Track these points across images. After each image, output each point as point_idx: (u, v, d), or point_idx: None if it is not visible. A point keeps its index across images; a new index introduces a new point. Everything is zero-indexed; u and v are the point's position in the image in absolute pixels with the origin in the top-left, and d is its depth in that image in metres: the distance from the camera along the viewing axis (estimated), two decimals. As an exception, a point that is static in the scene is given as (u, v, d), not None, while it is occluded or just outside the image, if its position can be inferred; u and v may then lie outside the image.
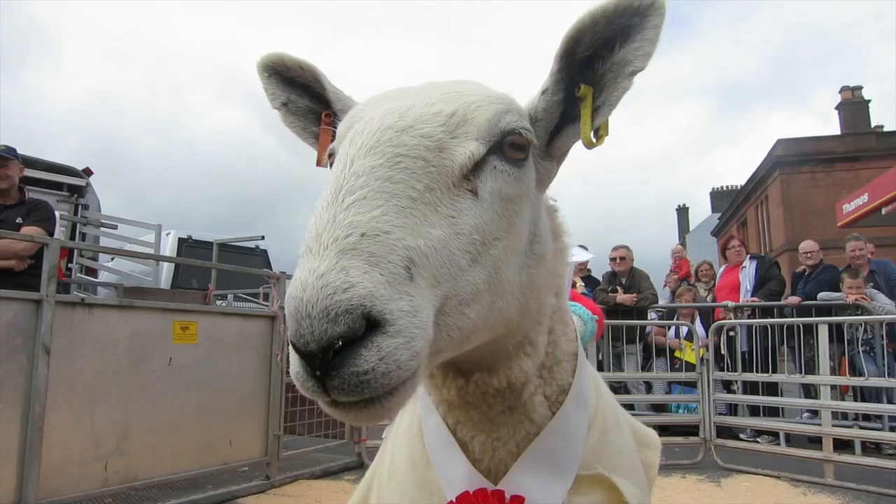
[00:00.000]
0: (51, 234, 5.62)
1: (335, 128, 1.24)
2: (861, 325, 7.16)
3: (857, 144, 28.38)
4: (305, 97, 1.45)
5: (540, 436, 1.25)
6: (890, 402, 6.89)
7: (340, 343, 0.80)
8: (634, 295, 8.69)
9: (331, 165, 1.18)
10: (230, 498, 5.48)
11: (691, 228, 54.89)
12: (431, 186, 0.96)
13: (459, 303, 0.97)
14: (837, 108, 30.97)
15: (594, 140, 1.20)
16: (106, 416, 4.74)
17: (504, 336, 1.16)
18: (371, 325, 0.81)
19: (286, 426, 6.34)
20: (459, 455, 1.27)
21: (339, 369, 0.82)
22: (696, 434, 7.27)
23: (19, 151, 5.91)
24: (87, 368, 4.67)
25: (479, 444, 1.27)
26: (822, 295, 7.90)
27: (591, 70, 1.20)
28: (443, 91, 1.09)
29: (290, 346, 0.85)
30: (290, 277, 6.16)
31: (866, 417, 7.26)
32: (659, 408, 8.41)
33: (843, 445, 6.66)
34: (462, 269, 0.97)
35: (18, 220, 5.56)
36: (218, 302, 9.38)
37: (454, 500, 1.24)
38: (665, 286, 10.49)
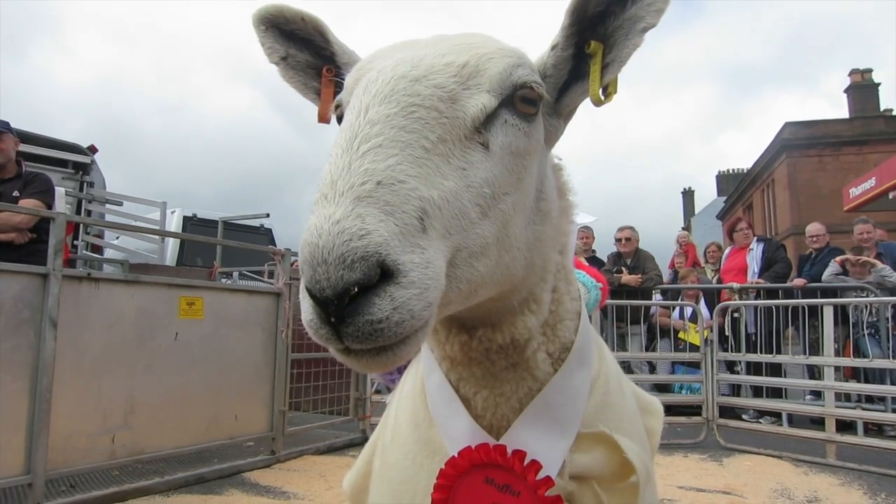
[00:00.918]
0: (49, 206, 5.63)
1: (340, 79, 1.22)
2: (866, 307, 7.15)
3: (866, 128, 28.14)
4: (306, 51, 1.40)
5: (542, 391, 1.25)
6: (893, 383, 6.89)
7: (355, 290, 0.81)
8: (639, 276, 8.70)
9: (338, 118, 1.17)
10: (236, 472, 5.55)
11: (696, 212, 54.73)
12: (444, 138, 0.96)
13: (469, 255, 0.97)
14: (847, 91, 30.65)
15: (602, 97, 1.19)
16: (113, 390, 4.78)
17: (509, 292, 1.16)
18: (384, 274, 0.82)
19: (291, 402, 6.39)
20: (462, 411, 1.28)
21: (353, 317, 0.82)
22: (699, 414, 7.31)
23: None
24: (94, 342, 4.71)
25: (482, 401, 1.27)
26: (828, 271, 7.84)
27: (602, 26, 1.18)
28: (453, 43, 1.08)
29: (304, 293, 0.85)
30: (294, 254, 6.17)
31: (869, 399, 7.28)
32: (662, 388, 8.44)
33: (845, 427, 6.68)
34: (472, 222, 0.97)
35: (15, 193, 5.58)
36: (223, 280, 9.41)
37: (456, 455, 1.25)
38: (675, 267, 10.44)
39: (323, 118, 1.36)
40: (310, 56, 1.41)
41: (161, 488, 4.93)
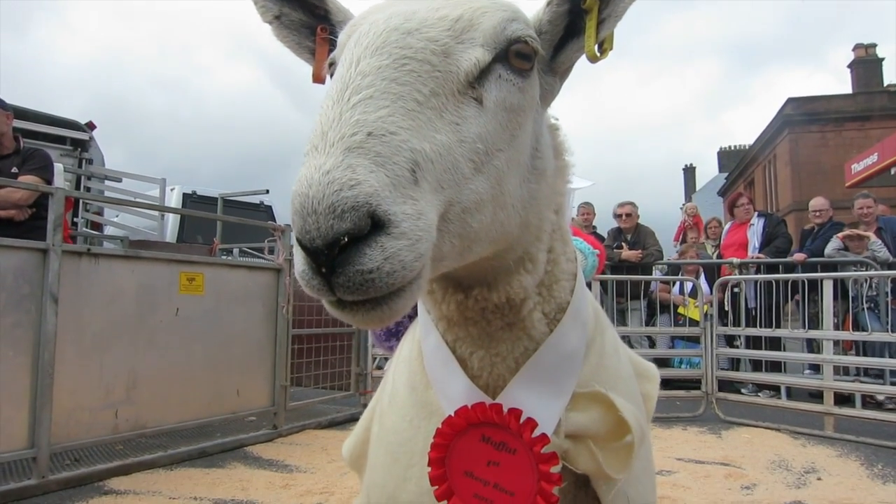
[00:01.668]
0: (48, 182, 5.62)
1: (335, 37, 1.21)
2: (866, 281, 7.16)
3: (869, 103, 27.90)
4: (299, 10, 1.38)
5: (538, 351, 1.25)
6: (892, 357, 6.92)
7: (345, 240, 0.80)
8: (639, 251, 8.70)
9: (331, 76, 1.16)
10: (239, 446, 5.60)
11: (698, 188, 54.57)
12: (437, 91, 0.95)
13: (462, 210, 0.97)
14: (850, 66, 30.40)
15: (598, 54, 1.18)
16: (115, 365, 4.80)
17: (504, 250, 1.16)
18: (375, 225, 0.81)
19: (292, 377, 6.43)
20: (458, 371, 1.28)
21: (344, 266, 0.82)
22: (699, 388, 7.36)
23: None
24: (95, 318, 4.72)
25: (478, 360, 1.27)
26: (830, 246, 7.84)
27: None
28: None
29: (295, 244, 0.85)
30: (294, 230, 6.18)
31: (867, 372, 7.32)
32: (662, 362, 8.47)
33: (843, 400, 6.73)
34: (465, 177, 0.96)
35: (14, 169, 5.56)
36: (223, 256, 9.42)
37: (453, 414, 1.26)
38: (683, 239, 10.42)
39: (317, 78, 1.34)
40: (304, 15, 1.38)
41: (164, 462, 4.98)
